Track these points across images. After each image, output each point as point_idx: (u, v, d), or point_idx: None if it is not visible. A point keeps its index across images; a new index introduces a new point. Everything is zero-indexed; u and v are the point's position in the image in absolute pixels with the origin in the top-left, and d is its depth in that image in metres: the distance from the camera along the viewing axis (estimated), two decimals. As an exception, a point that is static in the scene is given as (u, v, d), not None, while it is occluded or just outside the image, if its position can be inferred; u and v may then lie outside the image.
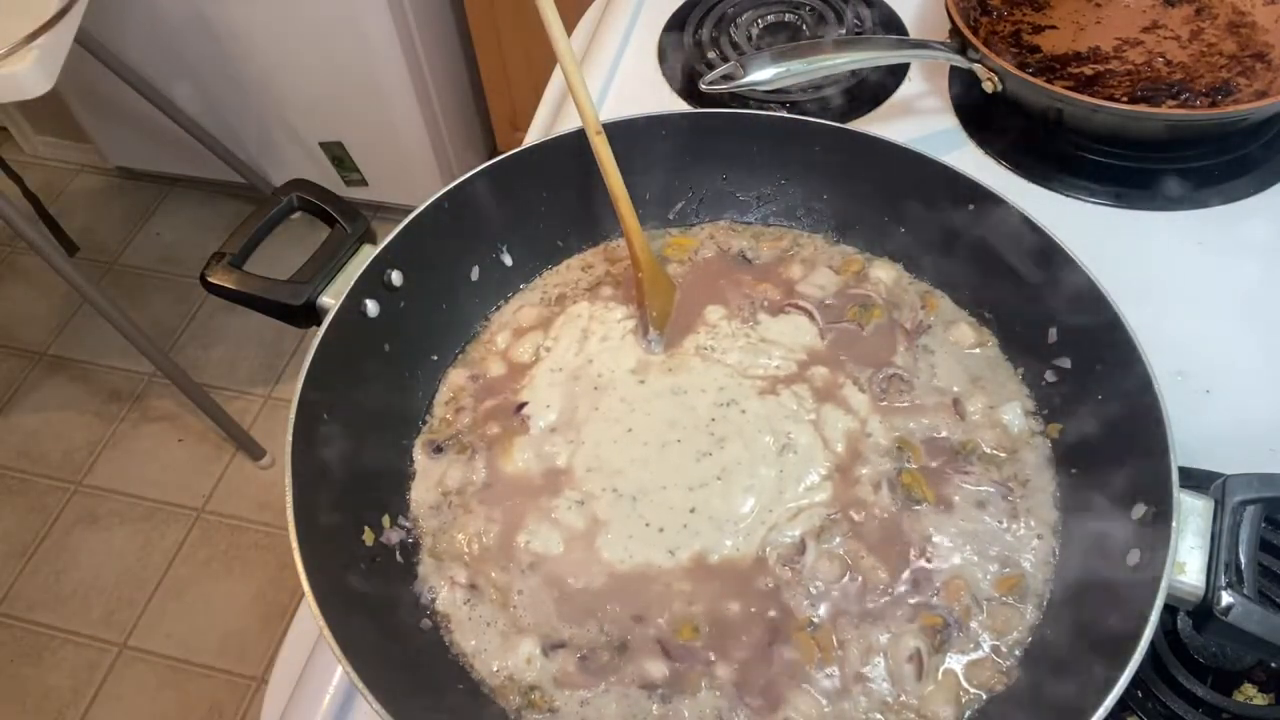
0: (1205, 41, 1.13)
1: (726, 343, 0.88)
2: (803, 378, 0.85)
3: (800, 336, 0.88)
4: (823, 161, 0.92)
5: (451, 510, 0.81)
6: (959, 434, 0.82)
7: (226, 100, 2.48)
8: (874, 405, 0.83)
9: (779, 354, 0.87)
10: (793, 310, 0.90)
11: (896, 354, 0.86)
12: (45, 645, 2.16)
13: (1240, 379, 0.91)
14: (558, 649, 0.73)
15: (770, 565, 0.75)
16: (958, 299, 0.90)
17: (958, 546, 0.76)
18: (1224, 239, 1.01)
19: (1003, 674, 0.71)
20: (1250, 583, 0.63)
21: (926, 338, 0.88)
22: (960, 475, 0.79)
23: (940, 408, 0.83)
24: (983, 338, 0.87)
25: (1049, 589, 0.74)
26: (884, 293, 0.90)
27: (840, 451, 0.81)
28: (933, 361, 0.86)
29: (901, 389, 0.84)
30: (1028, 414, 0.82)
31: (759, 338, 0.88)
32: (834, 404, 0.83)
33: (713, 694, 0.71)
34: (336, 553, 0.73)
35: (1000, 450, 0.81)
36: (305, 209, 0.85)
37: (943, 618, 0.72)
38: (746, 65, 1.00)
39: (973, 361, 0.86)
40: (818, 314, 0.89)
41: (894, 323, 0.88)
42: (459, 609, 0.75)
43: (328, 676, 0.82)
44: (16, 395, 2.57)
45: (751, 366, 0.86)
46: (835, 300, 0.90)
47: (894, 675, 0.71)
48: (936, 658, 0.71)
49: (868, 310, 0.89)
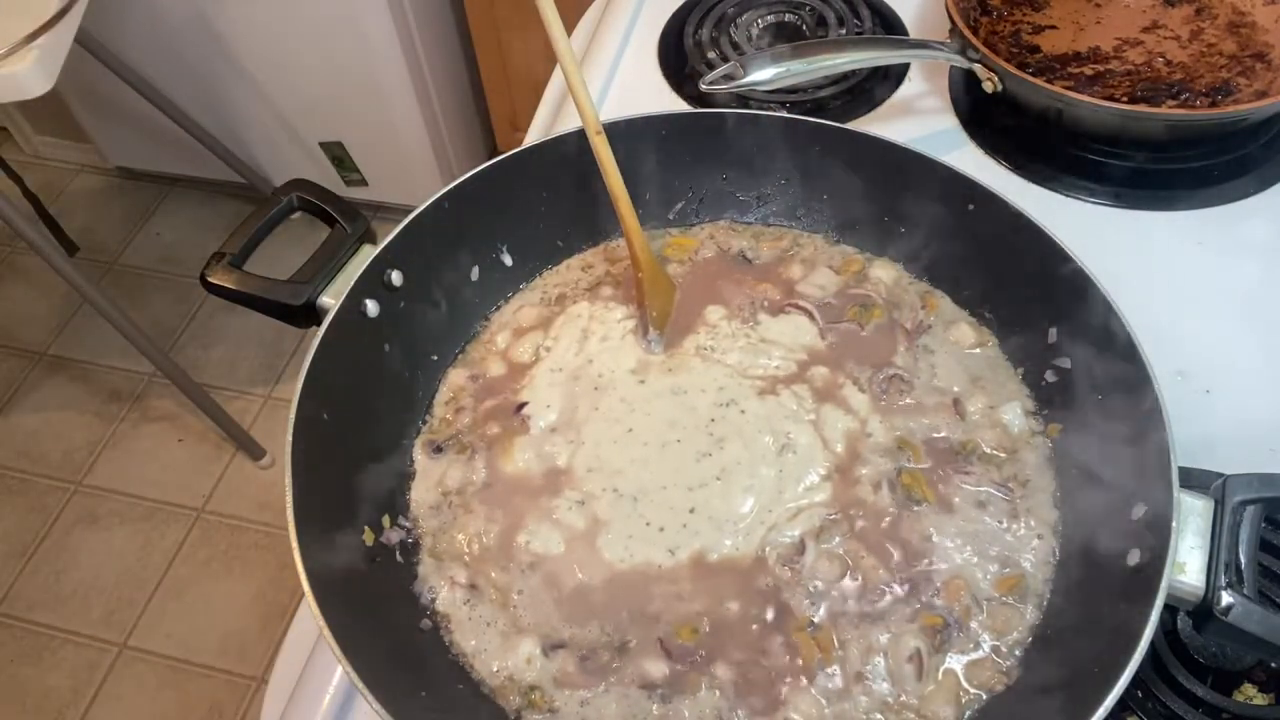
0: (1205, 41, 1.13)
1: (726, 343, 0.88)
2: (803, 378, 0.85)
3: (800, 336, 0.88)
4: (823, 161, 0.92)
5: (451, 510, 0.81)
6: (959, 434, 0.82)
7: (226, 100, 2.48)
8: (874, 405, 0.84)
9: (779, 354, 0.87)
10: (793, 310, 0.90)
11: (897, 354, 0.86)
12: (45, 645, 2.16)
13: (1240, 379, 0.91)
14: (558, 649, 0.73)
15: (770, 565, 0.75)
16: (957, 299, 0.90)
17: (958, 546, 0.76)
18: (1224, 239, 1.01)
19: (1003, 674, 0.71)
20: (1250, 583, 0.63)
21: (927, 338, 0.88)
22: (960, 475, 0.79)
23: (940, 407, 0.83)
24: (983, 337, 0.87)
25: (1049, 589, 0.74)
26: (884, 293, 0.91)
27: (840, 451, 0.81)
28: (933, 361, 0.86)
29: (901, 389, 0.84)
30: (1028, 414, 0.82)
31: (759, 338, 0.88)
32: (834, 404, 0.83)
33: (713, 694, 0.71)
34: (336, 553, 0.73)
35: (1000, 450, 0.81)
36: (305, 209, 0.85)
37: (943, 618, 0.72)
38: (746, 65, 1.00)
39: (973, 361, 0.86)
40: (818, 314, 0.89)
41: (894, 322, 0.88)
42: (459, 609, 0.75)
43: (328, 676, 0.82)
44: (16, 395, 2.56)
45: (751, 366, 0.86)
46: (835, 300, 0.90)
47: (894, 675, 0.71)
48: (936, 658, 0.71)
49: (868, 310, 0.89)
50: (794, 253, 0.94)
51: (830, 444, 0.81)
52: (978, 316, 0.89)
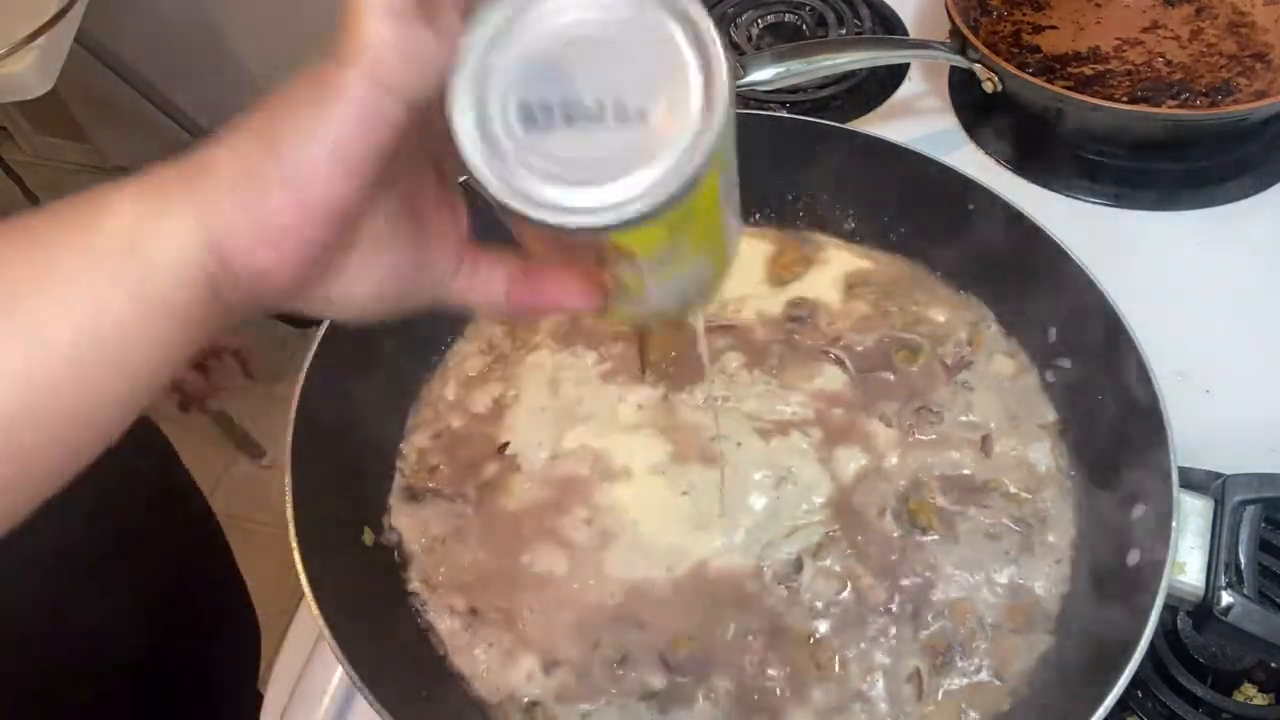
0: (1205, 41, 1.13)
1: (743, 390, 0.83)
2: (819, 421, 0.81)
3: (828, 384, 0.83)
4: (821, 161, 0.92)
5: (445, 547, 0.78)
6: (984, 472, 0.78)
7: (226, 100, 2.47)
8: (899, 440, 0.80)
9: (797, 400, 0.82)
10: (823, 359, 0.85)
11: (935, 391, 0.82)
12: (45, 645, 2.16)
13: (1240, 379, 0.91)
14: (558, 666, 0.72)
15: (769, 581, 0.74)
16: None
17: (964, 574, 0.74)
18: (1224, 239, 1.01)
19: (1006, 696, 0.69)
20: (1250, 583, 0.63)
21: (967, 373, 0.83)
22: (977, 509, 0.76)
23: (966, 444, 0.80)
24: (1021, 367, 0.83)
25: (1058, 615, 0.72)
26: (935, 334, 0.86)
27: (849, 479, 0.79)
28: (970, 400, 0.82)
29: (930, 420, 0.81)
30: (1054, 452, 0.79)
31: (780, 384, 0.83)
32: (848, 441, 0.80)
33: (710, 706, 0.70)
34: (336, 553, 0.73)
35: (1025, 490, 0.77)
36: (305, 209, 0.85)
37: (946, 641, 0.71)
38: (746, 65, 1.00)
39: (1012, 395, 0.82)
40: (850, 362, 0.84)
41: (935, 357, 0.84)
42: (459, 635, 0.74)
43: (328, 676, 0.81)
44: (16, 395, 2.56)
45: (767, 413, 0.81)
46: (874, 345, 0.85)
47: (892, 695, 0.70)
48: (937, 679, 0.70)
49: (915, 354, 0.84)
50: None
51: (839, 473, 0.78)
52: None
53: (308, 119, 0.36)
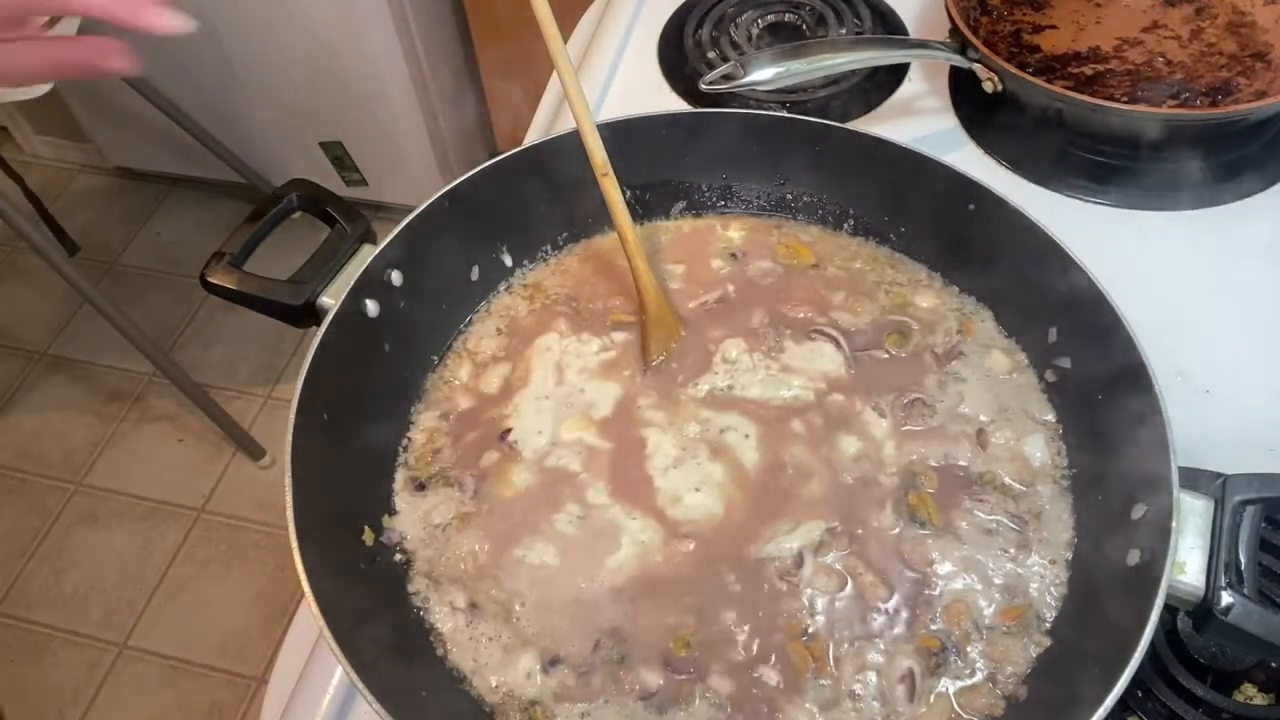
0: (1205, 41, 1.13)
1: (746, 378, 0.85)
2: (819, 406, 0.83)
3: (824, 364, 0.85)
4: (822, 161, 0.92)
5: (445, 535, 0.79)
6: (980, 464, 0.79)
7: (226, 100, 2.48)
8: (892, 430, 0.81)
9: (798, 383, 0.84)
10: (818, 337, 0.87)
11: (925, 379, 0.84)
12: (45, 645, 2.16)
13: (1240, 379, 0.91)
14: (557, 664, 0.72)
15: (767, 576, 0.75)
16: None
17: (962, 571, 0.74)
18: (1224, 239, 1.01)
19: (1000, 699, 0.69)
20: (1250, 583, 0.63)
21: (958, 363, 0.85)
22: (973, 502, 0.77)
23: (962, 436, 0.81)
24: (1016, 363, 0.84)
25: (1053, 617, 0.72)
26: (922, 317, 0.88)
27: (850, 471, 0.79)
28: (961, 390, 0.83)
29: (924, 412, 0.82)
30: (1050, 447, 0.80)
31: (780, 366, 0.85)
32: (848, 429, 0.81)
33: (707, 704, 0.70)
34: (336, 553, 0.73)
35: (1019, 483, 0.78)
36: (305, 209, 0.85)
37: (940, 641, 0.71)
38: (746, 65, 1.00)
39: (1004, 389, 0.83)
40: (844, 341, 0.86)
41: (925, 347, 0.86)
42: (460, 631, 0.74)
43: (328, 676, 0.82)
44: (16, 395, 2.56)
45: (772, 399, 0.83)
46: (869, 327, 0.87)
47: (885, 694, 0.70)
48: (930, 680, 0.70)
49: (906, 337, 0.86)
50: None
51: (839, 466, 0.79)
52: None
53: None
